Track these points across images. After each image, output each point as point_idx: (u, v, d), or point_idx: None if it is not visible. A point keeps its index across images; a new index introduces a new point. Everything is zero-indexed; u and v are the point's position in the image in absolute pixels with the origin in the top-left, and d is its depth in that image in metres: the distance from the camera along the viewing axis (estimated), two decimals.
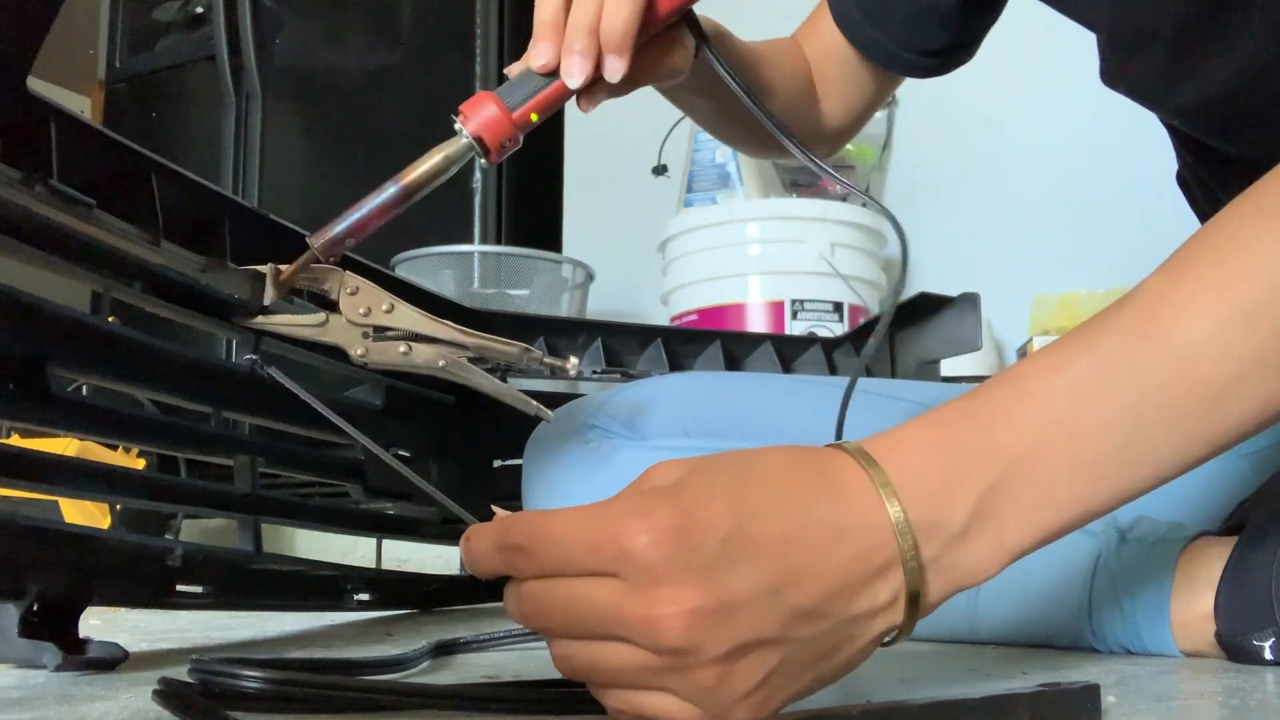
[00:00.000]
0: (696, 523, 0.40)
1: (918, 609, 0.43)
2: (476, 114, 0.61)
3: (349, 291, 0.65)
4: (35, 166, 0.56)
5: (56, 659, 0.56)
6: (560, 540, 0.41)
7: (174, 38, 2.53)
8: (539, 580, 0.41)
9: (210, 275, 0.66)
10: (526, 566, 0.42)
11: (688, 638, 0.39)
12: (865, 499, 0.43)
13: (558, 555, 0.41)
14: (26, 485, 0.60)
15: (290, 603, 0.83)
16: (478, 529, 0.44)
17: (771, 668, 0.41)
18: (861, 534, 0.42)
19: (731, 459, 0.43)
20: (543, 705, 0.46)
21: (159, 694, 0.41)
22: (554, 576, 0.41)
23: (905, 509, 0.42)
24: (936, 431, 0.45)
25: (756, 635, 0.40)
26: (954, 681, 0.57)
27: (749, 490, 0.42)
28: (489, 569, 0.43)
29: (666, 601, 0.39)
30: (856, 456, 0.44)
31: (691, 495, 0.41)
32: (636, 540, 0.39)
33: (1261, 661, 0.59)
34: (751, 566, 0.40)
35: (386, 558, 0.97)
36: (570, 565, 0.41)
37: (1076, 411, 0.45)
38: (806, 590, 0.41)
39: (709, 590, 0.39)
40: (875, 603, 0.42)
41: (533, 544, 0.41)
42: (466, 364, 0.67)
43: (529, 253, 1.96)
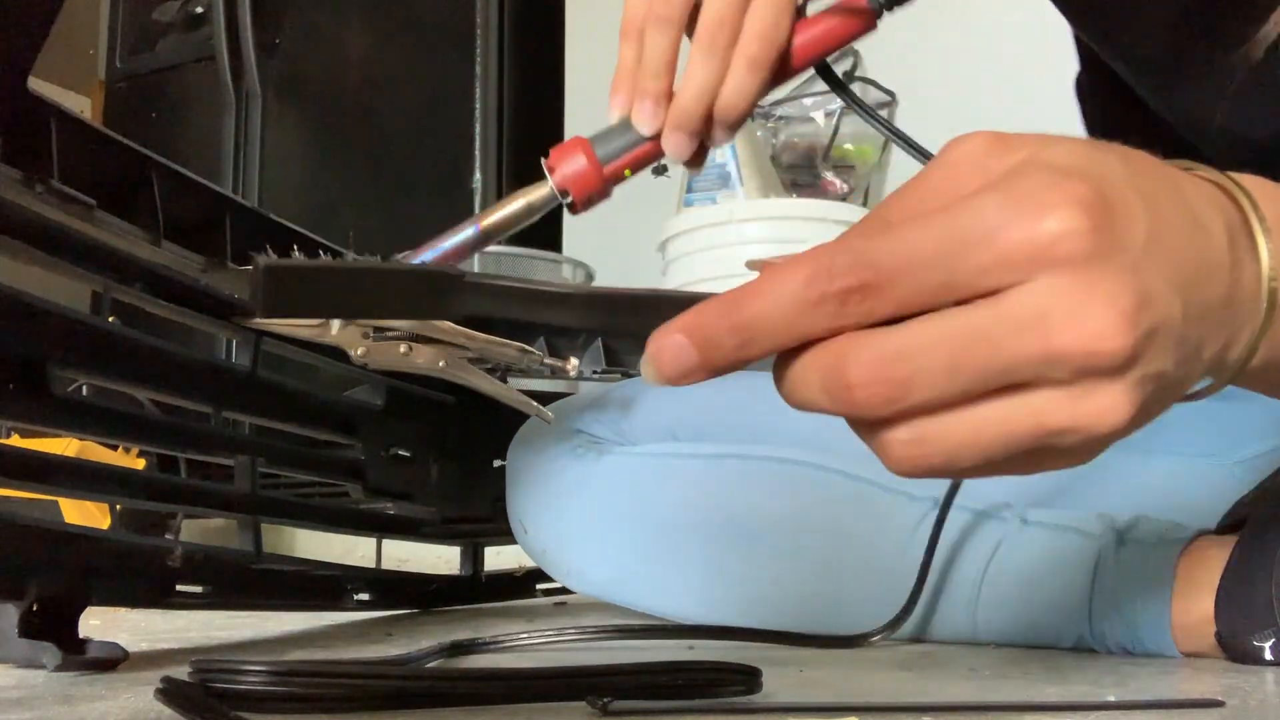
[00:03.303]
0: (1119, 210, 0.31)
1: (1236, 375, 0.37)
2: (565, 163, 0.58)
3: None
4: (36, 166, 0.56)
5: (56, 659, 0.56)
6: (942, 253, 0.30)
7: (174, 38, 2.53)
8: (900, 331, 0.30)
9: (210, 275, 0.66)
10: (879, 308, 0.30)
11: (1135, 349, 0.30)
12: (1235, 226, 0.35)
13: (938, 279, 0.30)
14: (26, 485, 0.60)
15: (290, 603, 0.83)
16: (765, 279, 0.31)
17: (1152, 412, 0.33)
18: (1229, 263, 0.35)
19: (1103, 145, 0.34)
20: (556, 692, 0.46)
21: (162, 693, 0.40)
22: (921, 314, 0.30)
23: (1274, 255, 0.35)
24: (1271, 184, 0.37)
25: (1161, 367, 0.32)
26: (954, 681, 0.57)
27: (1146, 177, 0.34)
28: (796, 337, 0.31)
29: (1107, 304, 0.30)
30: (1227, 187, 0.36)
31: (1104, 176, 0.32)
32: (1070, 224, 0.30)
33: (1261, 662, 0.59)
34: (1168, 278, 0.32)
35: (386, 558, 0.97)
36: (956, 288, 0.30)
37: None
38: (1197, 313, 0.33)
39: (1146, 297, 0.31)
40: (1212, 351, 0.35)
41: (889, 272, 0.30)
42: (467, 364, 0.66)
43: (529, 253, 1.96)
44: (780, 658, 0.64)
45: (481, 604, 1.05)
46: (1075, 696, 0.50)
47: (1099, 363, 0.30)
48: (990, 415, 0.31)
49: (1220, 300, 0.34)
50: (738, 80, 0.56)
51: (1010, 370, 0.31)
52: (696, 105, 0.57)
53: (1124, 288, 0.30)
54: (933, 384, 0.31)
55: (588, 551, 0.84)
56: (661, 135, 0.58)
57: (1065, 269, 0.30)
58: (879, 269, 0.30)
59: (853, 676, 0.58)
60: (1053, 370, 0.31)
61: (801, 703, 0.46)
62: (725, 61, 0.56)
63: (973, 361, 0.30)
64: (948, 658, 0.66)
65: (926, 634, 0.73)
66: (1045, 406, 0.31)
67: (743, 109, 0.57)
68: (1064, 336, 0.30)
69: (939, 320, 0.31)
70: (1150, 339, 0.31)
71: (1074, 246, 0.30)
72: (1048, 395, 0.31)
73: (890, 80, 2.03)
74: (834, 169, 1.97)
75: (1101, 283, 0.30)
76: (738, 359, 0.32)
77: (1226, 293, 0.35)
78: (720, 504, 0.79)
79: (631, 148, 0.58)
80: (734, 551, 0.77)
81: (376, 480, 0.88)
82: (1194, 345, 0.33)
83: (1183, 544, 0.65)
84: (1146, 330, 0.31)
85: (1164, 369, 0.32)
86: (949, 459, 0.32)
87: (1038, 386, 0.31)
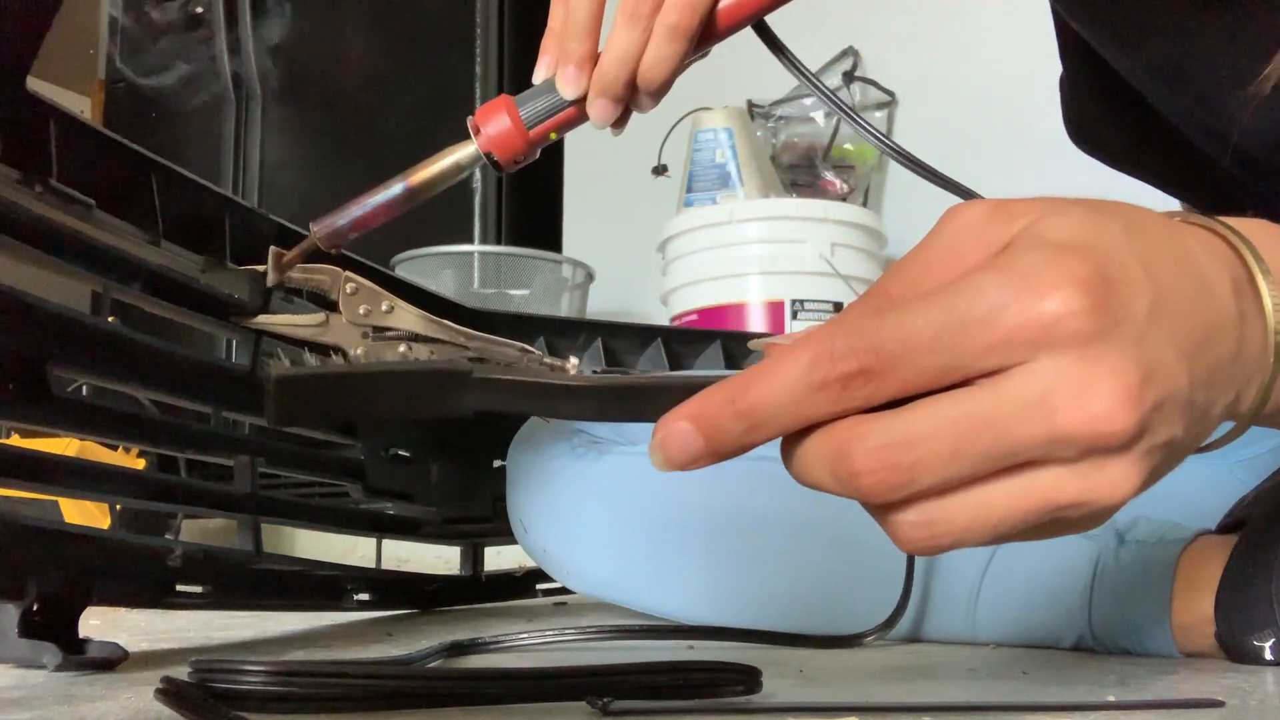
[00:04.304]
0: (1119, 285, 0.31)
1: (1249, 425, 0.37)
2: (490, 124, 0.58)
3: (349, 291, 0.65)
4: (35, 166, 0.56)
5: (56, 659, 0.56)
6: (944, 337, 0.30)
7: (174, 38, 2.53)
8: (903, 416, 0.31)
9: (210, 275, 0.66)
10: (881, 392, 0.31)
11: (1141, 424, 0.30)
12: (1240, 280, 0.35)
13: (937, 363, 0.30)
14: (26, 485, 0.60)
15: (290, 603, 0.83)
16: (770, 366, 0.31)
17: (1160, 476, 0.33)
18: (1236, 318, 0.34)
19: (1104, 208, 0.34)
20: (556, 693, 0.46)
21: (162, 693, 0.40)
22: (925, 397, 0.31)
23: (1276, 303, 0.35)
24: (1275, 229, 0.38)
25: (1170, 436, 0.32)
26: (954, 681, 0.57)
27: (1149, 245, 0.33)
28: (799, 422, 0.32)
29: (1111, 383, 0.30)
30: (1227, 236, 0.36)
31: (1105, 250, 0.31)
32: (1066, 305, 0.30)
33: (1261, 662, 0.59)
34: (1174, 348, 0.32)
35: (386, 558, 0.97)
36: (954, 371, 0.30)
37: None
38: (1205, 384, 0.33)
39: (1151, 372, 0.31)
40: (1222, 406, 0.35)
41: (890, 357, 0.30)
42: None
43: (529, 253, 1.96)
44: (780, 658, 0.64)
45: (481, 604, 1.05)
46: (1075, 696, 0.50)
47: (1105, 442, 0.30)
48: (997, 495, 0.31)
49: (1228, 358, 0.34)
50: (658, 48, 0.55)
51: (1015, 453, 0.31)
52: (618, 72, 0.55)
53: (1128, 364, 0.30)
54: (938, 469, 0.31)
55: (587, 551, 0.84)
56: (586, 100, 0.57)
57: (1067, 349, 0.30)
58: (880, 353, 0.31)
59: (853, 676, 0.58)
60: (1059, 450, 0.31)
61: (801, 703, 0.46)
62: (647, 29, 0.55)
63: (978, 445, 0.30)
64: (947, 658, 0.66)
65: (926, 634, 0.73)
66: (1053, 484, 0.31)
67: (664, 77, 0.55)
68: (1069, 418, 0.30)
69: (942, 404, 0.31)
70: (1157, 412, 0.31)
71: (1075, 326, 0.30)
72: (1055, 473, 0.31)
73: (890, 80, 2.03)
74: (834, 169, 1.97)
75: (1104, 360, 0.30)
76: (743, 444, 0.33)
77: (1234, 350, 0.34)
78: (720, 503, 0.79)
79: (556, 111, 0.58)
80: (734, 551, 0.77)
81: (376, 480, 0.88)
82: (1203, 408, 0.33)
83: (1183, 544, 0.65)
84: (1153, 405, 0.31)
85: (1173, 437, 0.32)
86: (957, 538, 0.32)
87: (1044, 465, 0.31)
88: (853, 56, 2.13)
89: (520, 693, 0.47)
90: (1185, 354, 0.32)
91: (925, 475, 0.31)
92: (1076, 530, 0.34)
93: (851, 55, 2.13)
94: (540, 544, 0.87)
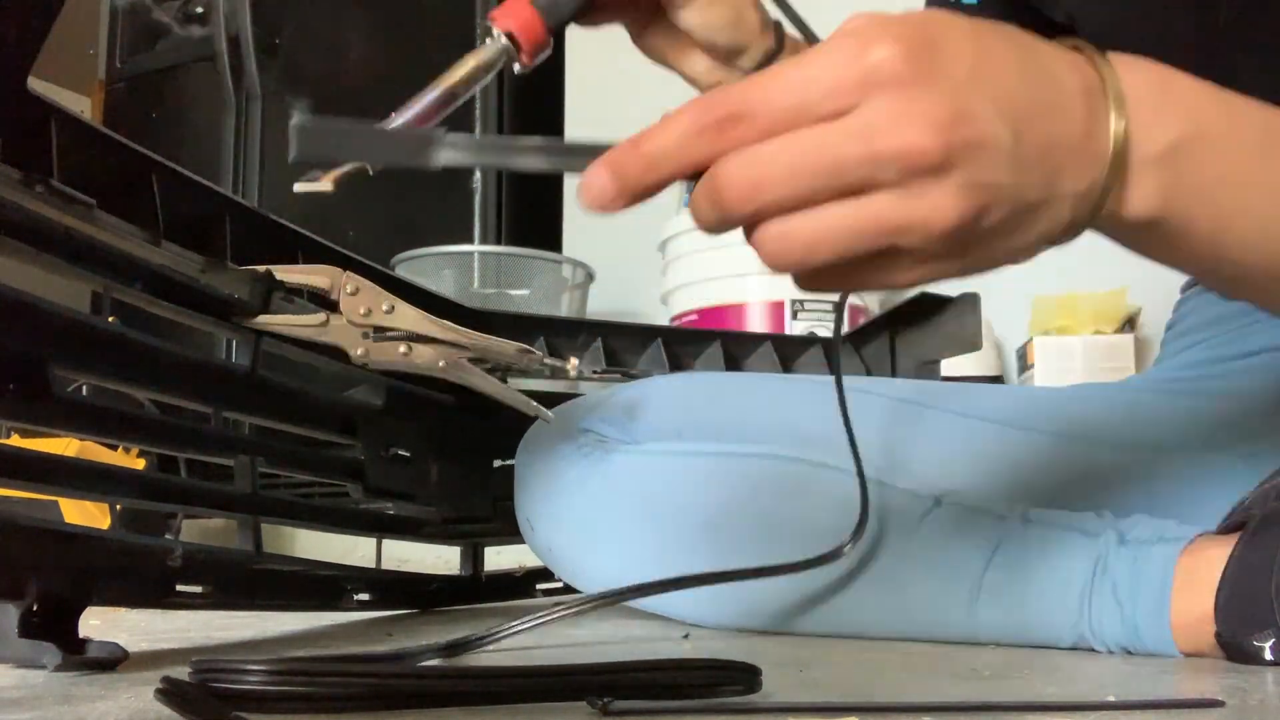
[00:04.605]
0: (943, 48, 0.38)
1: (1093, 217, 0.43)
2: (509, 16, 0.62)
3: (349, 291, 0.65)
4: (35, 166, 0.56)
5: (56, 659, 0.56)
6: (792, 87, 0.37)
7: (174, 38, 2.53)
8: (758, 146, 0.38)
9: (210, 275, 0.66)
10: (747, 134, 0.38)
11: (948, 154, 0.37)
12: (1093, 88, 0.42)
13: (789, 104, 0.37)
14: (26, 485, 0.60)
15: (290, 603, 0.83)
16: (663, 120, 0.39)
17: (994, 219, 0.39)
18: (1083, 114, 0.41)
19: (962, 15, 0.41)
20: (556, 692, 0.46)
21: (162, 693, 0.40)
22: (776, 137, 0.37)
23: (1126, 118, 0.42)
24: (1156, 69, 0.44)
25: (994, 178, 0.38)
26: (954, 681, 0.57)
27: (985, 34, 0.40)
28: (686, 161, 0.39)
29: (922, 115, 0.36)
30: (1091, 56, 0.43)
31: (932, 24, 0.39)
32: (888, 52, 0.37)
33: (1261, 662, 0.59)
34: (995, 106, 0.38)
35: (386, 558, 0.97)
36: (804, 113, 0.37)
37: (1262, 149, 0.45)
38: (1037, 143, 0.39)
39: (962, 113, 0.37)
40: (1077, 186, 0.41)
41: (752, 105, 0.38)
42: (466, 364, 0.67)
43: (529, 253, 1.96)
44: (780, 657, 0.64)
45: (482, 604, 1.05)
46: (1075, 696, 0.50)
47: (916, 163, 0.37)
48: (835, 214, 0.38)
49: (1072, 140, 0.41)
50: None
51: (841, 170, 0.37)
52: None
53: (939, 103, 0.37)
54: (780, 182, 0.38)
55: (592, 549, 0.85)
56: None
57: (889, 90, 0.37)
58: (747, 101, 0.38)
59: (853, 676, 0.58)
60: (879, 171, 0.37)
61: (801, 702, 0.46)
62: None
63: (809, 163, 0.37)
64: (948, 658, 0.66)
65: (926, 634, 0.73)
66: (882, 207, 0.38)
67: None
68: (884, 141, 0.37)
69: (788, 136, 0.38)
70: (969, 148, 0.37)
71: (893, 69, 0.37)
72: (883, 198, 0.38)
73: None
74: None
75: (919, 101, 0.37)
76: (645, 183, 0.40)
77: (1080, 136, 0.41)
78: (725, 501, 0.79)
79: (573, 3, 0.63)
80: (738, 549, 0.77)
81: (376, 480, 0.88)
82: (1040, 170, 0.40)
83: (1182, 543, 0.65)
84: (963, 141, 0.37)
85: (995, 179, 0.38)
86: (806, 250, 0.39)
87: (873, 191, 0.38)
88: None
89: (521, 692, 0.47)
90: (1006, 116, 0.38)
91: (771, 187, 0.38)
92: (921, 263, 0.40)
93: None
94: (546, 542, 0.87)
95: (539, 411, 0.70)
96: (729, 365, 1.14)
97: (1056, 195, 0.41)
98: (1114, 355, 1.75)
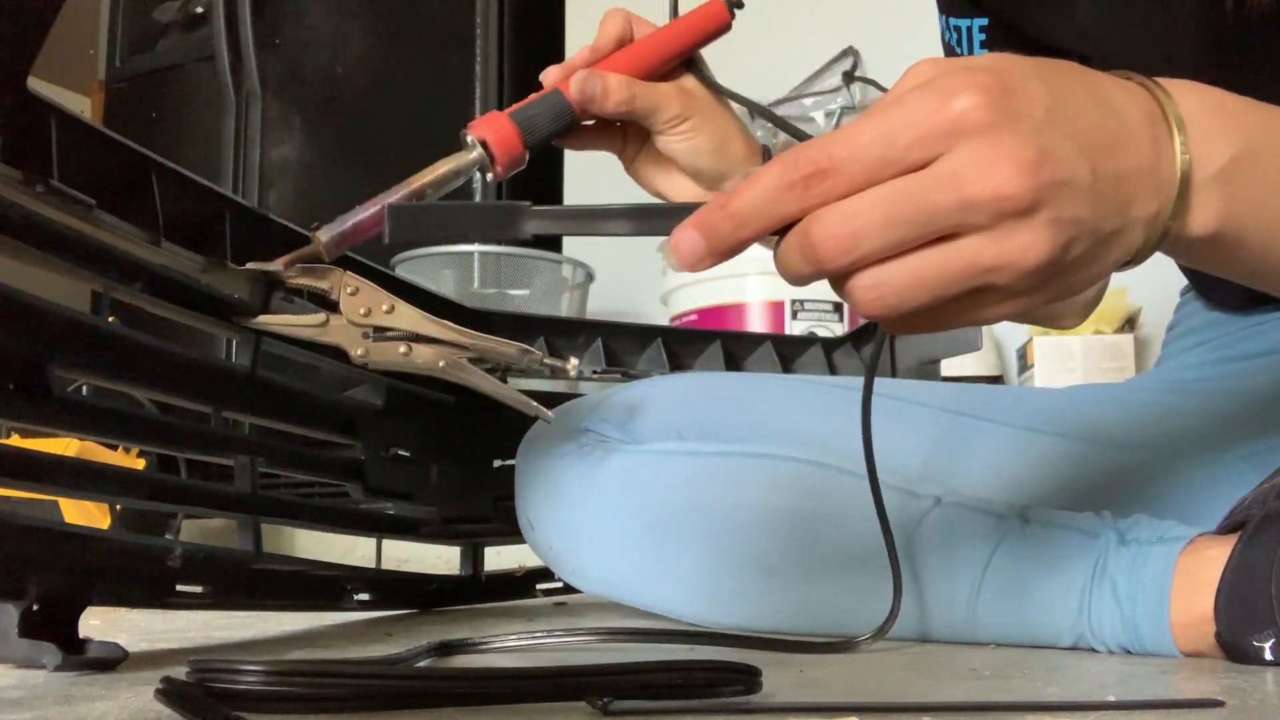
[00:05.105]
0: (1019, 91, 0.39)
1: (1161, 239, 0.45)
2: (487, 125, 0.65)
3: (349, 291, 0.65)
4: (35, 166, 0.55)
5: (56, 659, 0.56)
6: (878, 140, 0.39)
7: (174, 38, 2.53)
8: (847, 201, 0.39)
9: (210, 275, 0.66)
10: (835, 188, 0.39)
11: (1036, 195, 0.38)
12: (1155, 116, 0.44)
13: (876, 157, 0.39)
14: (26, 485, 0.60)
15: (290, 603, 0.83)
16: (749, 179, 0.40)
17: (1077, 252, 0.40)
18: (1149, 143, 0.43)
19: (1023, 57, 0.43)
20: (556, 692, 0.46)
21: (161, 693, 0.41)
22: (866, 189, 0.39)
23: (1188, 141, 0.44)
24: (1206, 91, 0.46)
25: (1076, 213, 0.40)
26: (954, 681, 0.57)
27: (1053, 73, 0.42)
28: (774, 218, 0.40)
29: (1009, 159, 0.38)
30: (1146, 85, 0.45)
31: (1005, 68, 0.40)
32: (971, 100, 0.38)
33: (1261, 662, 0.59)
34: (1073, 143, 0.40)
35: (386, 558, 0.97)
36: (891, 165, 0.39)
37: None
38: (1111, 175, 0.41)
39: (1046, 153, 0.39)
40: (1147, 212, 0.43)
41: (838, 160, 0.39)
42: (466, 364, 0.67)
43: (529, 253, 1.96)
44: (780, 658, 0.64)
45: (481, 604, 1.05)
46: (1075, 696, 0.50)
47: (1007, 206, 0.38)
48: (928, 260, 0.40)
49: (1142, 169, 0.42)
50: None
51: (935, 218, 0.39)
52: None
53: (1025, 146, 0.38)
54: (875, 234, 0.39)
55: (592, 548, 0.85)
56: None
57: (974, 137, 0.38)
58: (833, 156, 0.39)
59: (853, 676, 0.58)
60: (971, 216, 0.39)
61: (801, 703, 0.46)
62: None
63: (902, 213, 0.39)
64: (948, 658, 0.66)
65: (926, 633, 0.73)
66: (974, 249, 0.39)
67: None
68: (974, 186, 0.38)
69: (879, 188, 0.39)
70: (1055, 188, 0.39)
71: (978, 118, 0.38)
72: (974, 241, 0.39)
73: (890, 80, 2.03)
74: None
75: (1004, 144, 0.38)
76: (734, 240, 0.41)
77: (1148, 165, 0.43)
78: (725, 501, 0.79)
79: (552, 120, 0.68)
80: (738, 550, 0.77)
81: (376, 480, 0.88)
82: (1116, 200, 0.41)
83: (1183, 543, 0.65)
84: (1050, 180, 0.39)
85: (1078, 215, 0.40)
86: (902, 297, 0.40)
87: (964, 234, 0.39)
88: (853, 56, 2.13)
89: (521, 692, 0.47)
90: (1085, 152, 0.40)
91: (866, 239, 0.39)
92: (1013, 304, 0.42)
93: (851, 55, 2.13)
94: (546, 541, 0.87)
95: (539, 411, 0.70)
96: (729, 365, 1.14)
97: (1130, 223, 0.43)
98: (1114, 355, 1.75)
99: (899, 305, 0.40)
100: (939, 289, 0.40)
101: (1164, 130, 0.44)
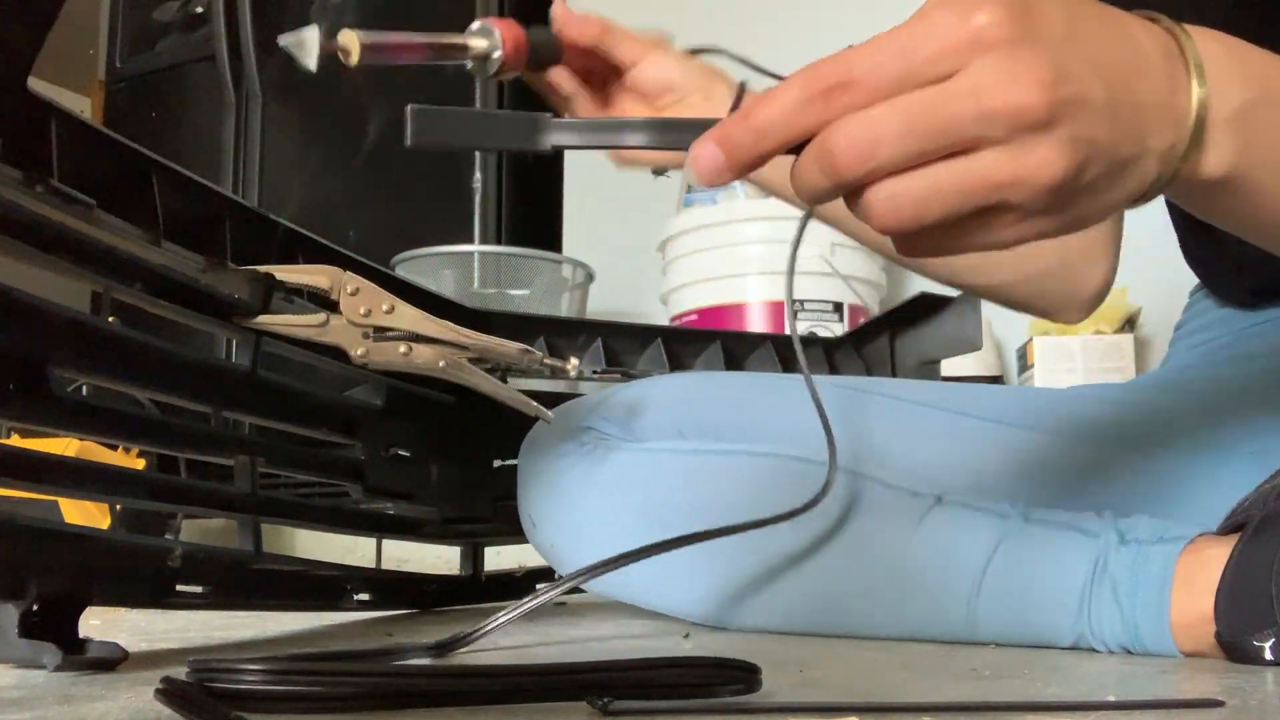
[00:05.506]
0: (1039, 11, 0.40)
1: (1174, 176, 0.45)
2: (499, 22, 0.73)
3: (349, 292, 0.65)
4: (35, 166, 0.55)
5: (56, 659, 0.56)
6: (898, 53, 0.39)
7: (174, 38, 2.53)
8: (866, 111, 0.39)
9: (210, 275, 0.66)
10: (855, 100, 0.39)
11: (1053, 110, 0.39)
12: (1172, 53, 0.44)
13: (896, 70, 0.39)
14: (26, 485, 0.60)
15: (290, 603, 0.83)
16: (769, 92, 0.40)
17: (1092, 174, 0.41)
18: (1165, 77, 0.43)
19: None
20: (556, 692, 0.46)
21: (161, 693, 0.41)
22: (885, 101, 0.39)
23: (1205, 82, 0.44)
24: (1225, 38, 0.47)
25: (1093, 133, 0.40)
26: (954, 681, 0.57)
27: (1078, 3, 0.42)
28: (795, 130, 0.40)
29: (1028, 74, 0.38)
30: (1167, 25, 0.45)
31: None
32: (991, 16, 0.38)
33: (1261, 662, 0.59)
34: (1090, 65, 0.40)
35: (386, 558, 0.97)
36: (911, 77, 0.39)
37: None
38: (1127, 101, 0.41)
39: (1064, 71, 0.39)
40: (1161, 144, 0.43)
41: (859, 72, 0.39)
42: (466, 364, 0.67)
43: (529, 253, 1.96)
44: (780, 657, 0.64)
45: (482, 604, 1.05)
46: (1075, 696, 0.50)
47: (1024, 118, 0.39)
48: (945, 173, 0.40)
49: (1158, 101, 0.43)
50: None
51: (952, 129, 0.39)
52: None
53: (1042, 62, 0.39)
54: (894, 143, 0.39)
55: (594, 547, 0.84)
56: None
57: (994, 50, 0.39)
58: (853, 69, 0.39)
59: (853, 676, 0.58)
60: (989, 129, 0.39)
61: (801, 702, 0.46)
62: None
63: (921, 124, 0.39)
64: (948, 658, 0.66)
65: (926, 633, 0.73)
66: (991, 163, 0.39)
67: None
68: (992, 98, 0.38)
69: (899, 98, 0.39)
70: (1072, 105, 0.39)
71: (997, 32, 0.39)
72: (991, 154, 0.39)
73: None
74: None
75: (1022, 59, 0.39)
76: (754, 154, 0.41)
77: (1164, 98, 0.43)
78: (726, 500, 0.79)
79: None
80: (739, 548, 0.77)
81: (376, 480, 0.88)
82: (1132, 127, 0.42)
83: (1183, 544, 0.65)
84: (1065, 97, 0.39)
85: (1094, 135, 0.40)
86: (917, 209, 0.40)
87: (982, 148, 0.39)
88: None
89: (520, 691, 0.47)
90: (1101, 75, 0.40)
91: (884, 149, 0.39)
92: (1030, 225, 0.42)
93: None
94: (548, 540, 0.87)
95: (539, 411, 0.70)
96: (729, 365, 1.14)
97: (1145, 152, 0.43)
98: (1114, 355, 1.75)
99: (915, 217, 0.40)
100: (955, 203, 0.40)
101: (1180, 67, 0.44)
